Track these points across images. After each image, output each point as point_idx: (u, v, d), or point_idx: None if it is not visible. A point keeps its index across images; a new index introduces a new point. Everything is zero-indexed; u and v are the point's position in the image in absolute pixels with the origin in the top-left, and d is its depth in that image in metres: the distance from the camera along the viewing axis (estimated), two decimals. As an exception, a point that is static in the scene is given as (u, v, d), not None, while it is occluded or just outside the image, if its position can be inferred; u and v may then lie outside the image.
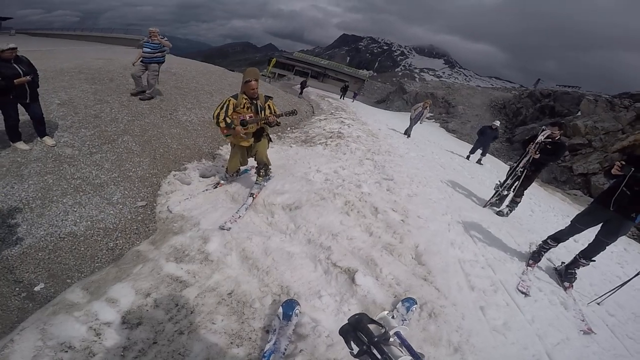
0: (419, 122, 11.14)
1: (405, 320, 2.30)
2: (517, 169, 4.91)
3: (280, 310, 2.19)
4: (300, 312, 2.26)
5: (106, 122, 5.18)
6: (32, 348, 1.79)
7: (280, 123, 3.72)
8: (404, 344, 1.30)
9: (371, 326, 1.09)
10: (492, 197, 5.21)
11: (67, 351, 1.83)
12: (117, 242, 3.29)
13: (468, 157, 10.59)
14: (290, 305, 2.24)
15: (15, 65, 3.83)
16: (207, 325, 2.13)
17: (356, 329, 1.07)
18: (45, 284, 2.68)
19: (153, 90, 6.55)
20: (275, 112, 3.68)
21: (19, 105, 3.95)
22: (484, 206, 5.22)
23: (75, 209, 3.47)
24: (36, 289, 2.62)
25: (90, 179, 3.93)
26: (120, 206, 3.72)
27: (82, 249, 3.09)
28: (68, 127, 4.74)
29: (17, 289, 2.59)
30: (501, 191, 5.09)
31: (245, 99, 3.59)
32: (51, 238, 3.10)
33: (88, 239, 3.20)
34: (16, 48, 3.86)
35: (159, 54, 6.32)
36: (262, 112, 3.64)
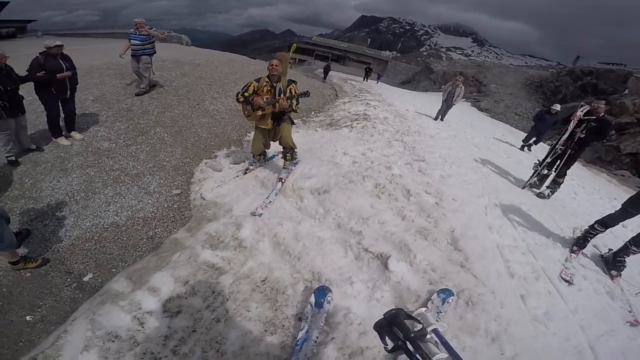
0: (452, 103, 9.36)
1: (440, 312, 2.21)
2: (557, 146, 4.56)
3: (313, 298, 2.18)
4: (332, 300, 2.24)
5: (138, 115, 5.36)
6: (82, 339, 1.89)
7: (293, 107, 3.64)
8: (442, 341, 1.25)
9: (408, 322, 1.05)
10: (532, 177, 4.90)
11: (114, 341, 1.91)
12: (156, 230, 3.43)
13: (523, 148, 9.10)
14: (322, 293, 2.22)
15: (60, 61, 4.07)
16: (242, 313, 2.16)
17: (392, 324, 1.03)
18: (93, 274, 2.85)
19: (148, 83, 6.31)
20: (292, 96, 3.63)
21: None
22: (523, 187, 4.93)
23: (116, 200, 3.65)
24: (85, 279, 2.79)
25: (127, 170, 4.11)
26: (157, 195, 3.87)
27: (125, 238, 3.26)
28: (104, 122, 4.96)
29: (68, 279, 2.77)
30: (540, 170, 4.77)
31: (267, 82, 3.62)
32: (96, 229, 3.28)
33: (129, 229, 3.37)
34: (62, 45, 4.09)
35: (149, 45, 6.05)
36: (282, 95, 3.61)
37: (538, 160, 4.92)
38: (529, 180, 4.93)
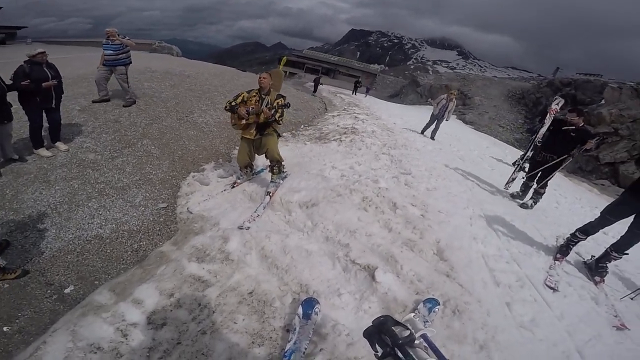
0: (444, 118, 8.60)
1: (427, 321, 2.24)
2: (535, 140, 4.73)
3: (300, 309, 2.19)
4: (320, 311, 2.25)
5: (125, 126, 5.32)
6: (63, 349, 1.85)
7: (276, 118, 3.75)
8: (431, 346, 1.26)
9: (396, 328, 1.06)
10: (513, 172, 5.08)
11: (96, 352, 1.88)
12: (141, 243, 3.37)
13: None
14: (309, 304, 2.23)
15: (45, 69, 4.02)
16: (229, 325, 2.15)
17: (380, 331, 1.04)
18: (74, 286, 2.78)
19: (130, 94, 6.15)
20: (274, 107, 3.74)
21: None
22: (506, 184, 5.07)
23: (100, 212, 3.58)
24: (66, 291, 2.71)
25: (113, 183, 4.05)
26: (143, 208, 3.81)
27: (108, 251, 3.19)
28: (90, 133, 4.90)
29: (48, 291, 2.69)
30: (522, 163, 4.96)
31: (256, 93, 3.78)
32: (79, 241, 3.20)
33: (113, 241, 3.30)
34: (45, 52, 4.05)
35: (123, 55, 5.91)
36: (269, 106, 3.74)
37: (519, 158, 5.11)
38: (511, 176, 5.07)
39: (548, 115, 4.93)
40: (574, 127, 4.29)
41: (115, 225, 3.49)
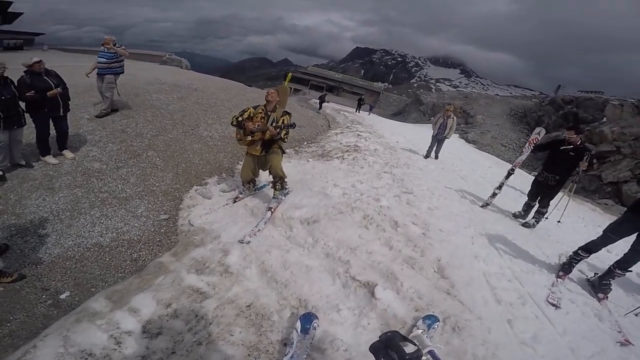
0: (445, 136, 8.15)
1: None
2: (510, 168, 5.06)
3: (299, 323, 2.17)
4: (318, 326, 2.23)
5: (132, 137, 5.41)
6: (53, 355, 1.84)
7: (281, 136, 3.78)
8: None
9: (403, 344, 1.06)
10: (495, 189, 5.30)
11: (87, 358, 1.86)
12: (141, 253, 3.37)
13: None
14: (308, 319, 2.21)
15: (46, 78, 4.06)
16: (225, 337, 2.13)
17: (387, 346, 1.04)
18: (70, 292, 2.77)
19: (110, 104, 5.92)
20: (280, 126, 3.74)
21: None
22: (487, 199, 5.24)
23: (101, 221, 3.61)
24: (62, 296, 2.71)
25: (116, 193, 4.09)
26: (144, 219, 3.83)
27: (107, 259, 3.19)
28: (97, 142, 4.98)
29: (43, 296, 2.69)
30: (502, 184, 5.25)
31: (262, 109, 3.83)
32: (78, 248, 3.22)
33: (113, 250, 3.31)
34: (41, 61, 4.04)
35: (116, 64, 5.86)
36: (274, 124, 3.77)
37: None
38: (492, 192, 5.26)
39: (527, 144, 5.06)
40: (572, 147, 4.28)
41: (116, 234, 3.51)
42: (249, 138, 3.80)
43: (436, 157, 8.67)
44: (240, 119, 3.80)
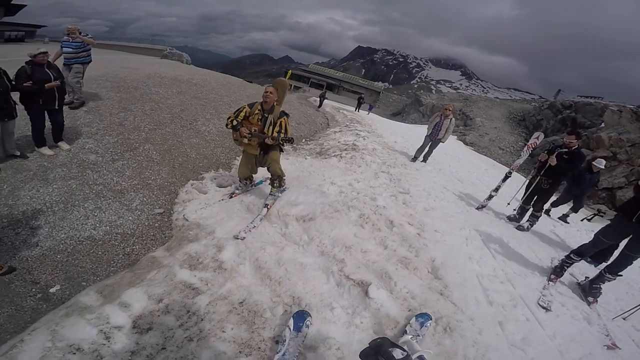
0: (439, 139, 7.15)
1: (419, 335, 2.23)
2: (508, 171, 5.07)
3: (291, 321, 2.17)
4: (311, 324, 2.23)
5: (129, 130, 5.37)
6: (40, 349, 1.83)
7: (280, 143, 3.65)
8: None
9: (393, 350, 1.07)
10: (491, 191, 5.38)
11: (75, 353, 1.85)
12: (134, 247, 3.35)
13: (565, 219, 6.84)
14: (301, 317, 2.21)
15: (47, 70, 4.04)
16: (216, 333, 2.12)
17: (377, 353, 1.05)
18: (61, 285, 2.75)
19: (79, 95, 5.68)
20: (281, 132, 3.64)
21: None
22: (483, 201, 5.28)
23: (95, 214, 3.58)
24: (52, 290, 2.68)
25: (111, 185, 4.06)
26: (139, 213, 3.81)
27: (100, 252, 3.17)
28: (93, 134, 4.94)
29: (33, 289, 2.66)
30: (499, 186, 5.25)
31: (259, 110, 3.62)
32: (70, 241, 3.19)
33: (106, 244, 3.28)
34: (47, 52, 4.06)
35: (83, 53, 5.67)
36: (271, 127, 3.63)
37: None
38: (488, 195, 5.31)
39: (525, 148, 5.15)
40: (567, 150, 4.30)
41: (109, 227, 3.48)
42: (245, 141, 3.67)
43: (424, 160, 7.66)
44: (235, 122, 3.63)
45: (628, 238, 3.09)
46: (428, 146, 7.41)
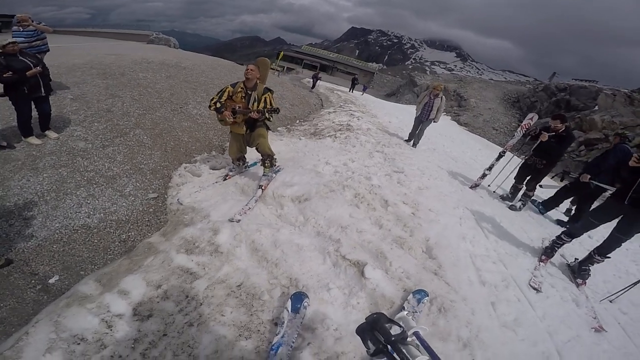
0: (431, 120, 6.84)
1: (416, 312, 2.28)
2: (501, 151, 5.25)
3: (289, 303, 2.19)
4: (308, 305, 2.25)
5: (118, 116, 5.24)
6: (45, 340, 1.84)
7: (266, 117, 3.60)
8: (423, 344, 1.28)
9: (389, 326, 1.08)
10: (485, 170, 5.51)
11: (79, 343, 1.86)
12: (129, 234, 3.34)
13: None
14: (299, 298, 2.24)
15: (22, 58, 3.87)
16: (216, 317, 2.14)
17: (373, 328, 1.07)
18: (59, 276, 2.75)
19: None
20: (266, 107, 3.58)
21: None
22: (476, 180, 5.35)
23: (88, 201, 3.54)
24: (51, 281, 2.68)
25: (103, 172, 4.00)
26: (132, 198, 3.77)
27: (95, 241, 3.15)
28: (81, 121, 4.81)
29: (32, 281, 2.66)
30: (493, 165, 5.38)
31: (242, 88, 3.60)
32: (65, 230, 3.16)
33: (101, 231, 3.26)
34: (15, 42, 3.87)
35: (38, 41, 5.36)
36: (256, 103, 3.58)
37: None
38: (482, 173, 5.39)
39: (519, 128, 5.22)
40: (553, 134, 4.40)
41: (104, 214, 3.45)
42: (231, 120, 3.61)
43: (414, 145, 7.25)
44: (218, 104, 3.58)
45: (617, 220, 3.11)
46: (419, 128, 7.10)
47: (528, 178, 4.83)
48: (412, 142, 7.34)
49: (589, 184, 4.38)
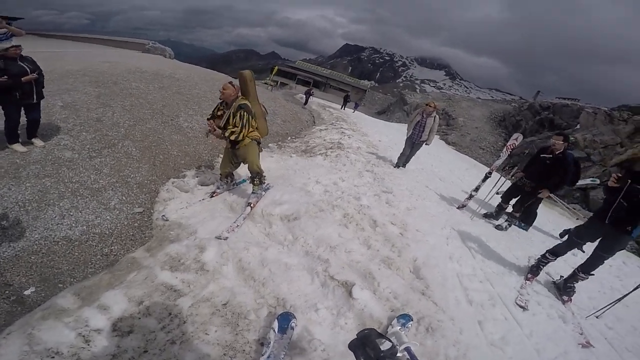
0: (423, 141, 6.43)
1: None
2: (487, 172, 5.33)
3: (276, 322, 2.16)
4: (296, 325, 2.22)
5: (107, 126, 5.18)
6: (17, 353, 1.77)
7: (226, 136, 3.62)
8: (413, 359, 1.29)
9: (380, 341, 1.09)
10: (471, 191, 5.60)
11: (53, 357, 1.79)
12: (112, 247, 3.25)
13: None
14: (286, 318, 2.21)
15: (21, 63, 3.85)
16: (200, 336, 2.09)
17: (365, 344, 1.07)
18: (36, 287, 2.64)
19: None
20: (243, 126, 3.57)
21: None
22: (464, 200, 5.35)
23: (71, 213, 3.44)
24: (26, 292, 2.57)
25: (88, 184, 3.91)
26: (117, 212, 3.69)
27: (76, 253, 3.05)
28: (69, 130, 4.74)
29: (6, 292, 2.54)
30: (479, 186, 5.45)
31: (221, 104, 3.74)
32: (45, 242, 3.06)
33: (83, 244, 3.17)
34: (20, 46, 3.87)
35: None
36: (232, 120, 3.60)
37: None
38: (469, 194, 5.46)
39: (505, 149, 5.26)
40: (550, 156, 4.26)
41: (87, 227, 3.35)
42: (208, 136, 3.79)
43: (403, 166, 6.93)
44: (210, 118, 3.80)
45: (599, 240, 3.21)
46: (410, 150, 6.64)
47: (516, 199, 4.93)
48: (399, 166, 6.95)
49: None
